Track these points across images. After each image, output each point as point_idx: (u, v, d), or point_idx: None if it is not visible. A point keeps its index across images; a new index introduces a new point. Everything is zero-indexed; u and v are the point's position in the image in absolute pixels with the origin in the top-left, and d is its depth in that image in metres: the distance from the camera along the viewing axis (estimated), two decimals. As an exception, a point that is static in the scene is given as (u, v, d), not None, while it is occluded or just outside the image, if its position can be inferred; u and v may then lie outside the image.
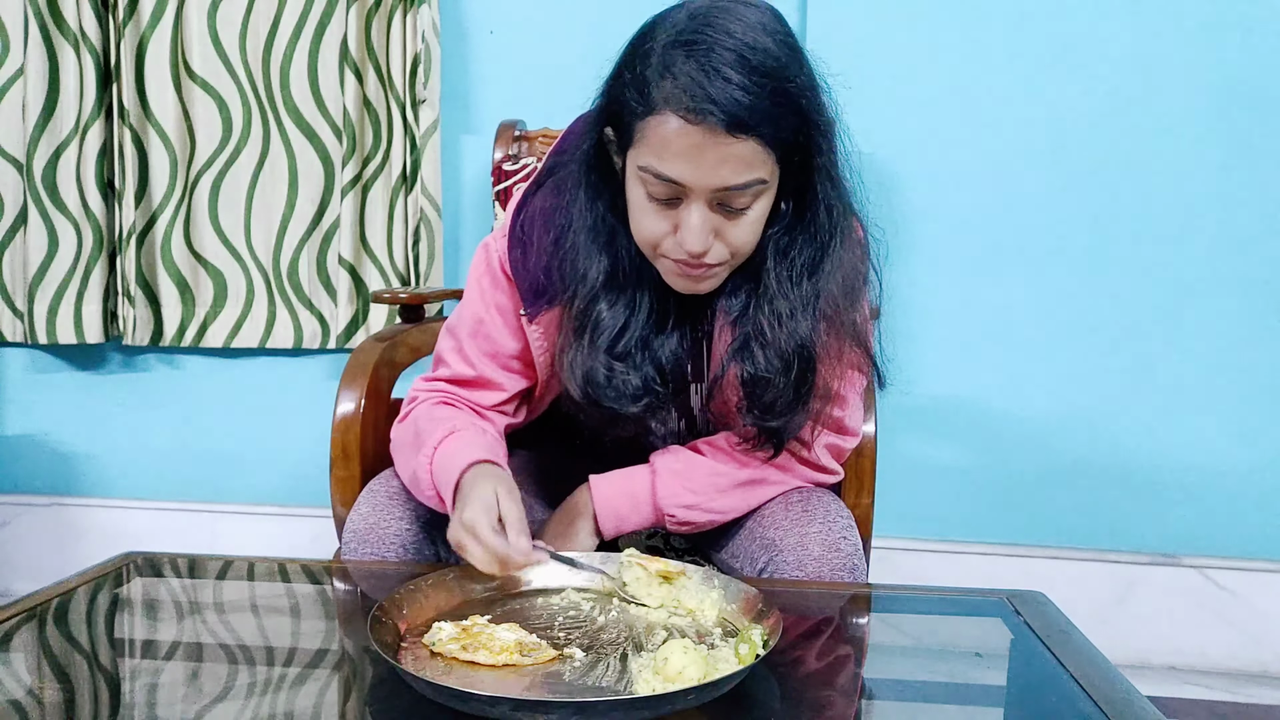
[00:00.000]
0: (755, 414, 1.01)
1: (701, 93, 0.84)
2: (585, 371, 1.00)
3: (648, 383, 1.01)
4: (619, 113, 0.92)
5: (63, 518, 2.13)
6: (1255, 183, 1.76)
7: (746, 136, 0.85)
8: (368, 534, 1.03)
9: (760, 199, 0.91)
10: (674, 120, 0.86)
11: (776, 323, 0.97)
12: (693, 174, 0.87)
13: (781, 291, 0.97)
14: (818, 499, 1.06)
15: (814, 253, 0.97)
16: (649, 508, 1.06)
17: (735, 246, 0.93)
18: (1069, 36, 1.77)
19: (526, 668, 0.76)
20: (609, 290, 0.99)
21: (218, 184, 1.98)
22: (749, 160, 0.87)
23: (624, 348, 1.00)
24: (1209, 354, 1.80)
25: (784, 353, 0.97)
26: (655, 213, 0.92)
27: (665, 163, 0.87)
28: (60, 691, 0.75)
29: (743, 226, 0.92)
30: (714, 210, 0.90)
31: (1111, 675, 0.78)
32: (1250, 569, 1.83)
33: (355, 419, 1.22)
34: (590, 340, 1.00)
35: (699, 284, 0.97)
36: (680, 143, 0.86)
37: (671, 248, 0.93)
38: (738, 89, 0.84)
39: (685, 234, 0.90)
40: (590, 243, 0.99)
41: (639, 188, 0.92)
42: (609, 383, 1.00)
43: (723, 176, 0.87)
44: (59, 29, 1.89)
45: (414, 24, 1.84)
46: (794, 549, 1.00)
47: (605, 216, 0.99)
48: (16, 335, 2.04)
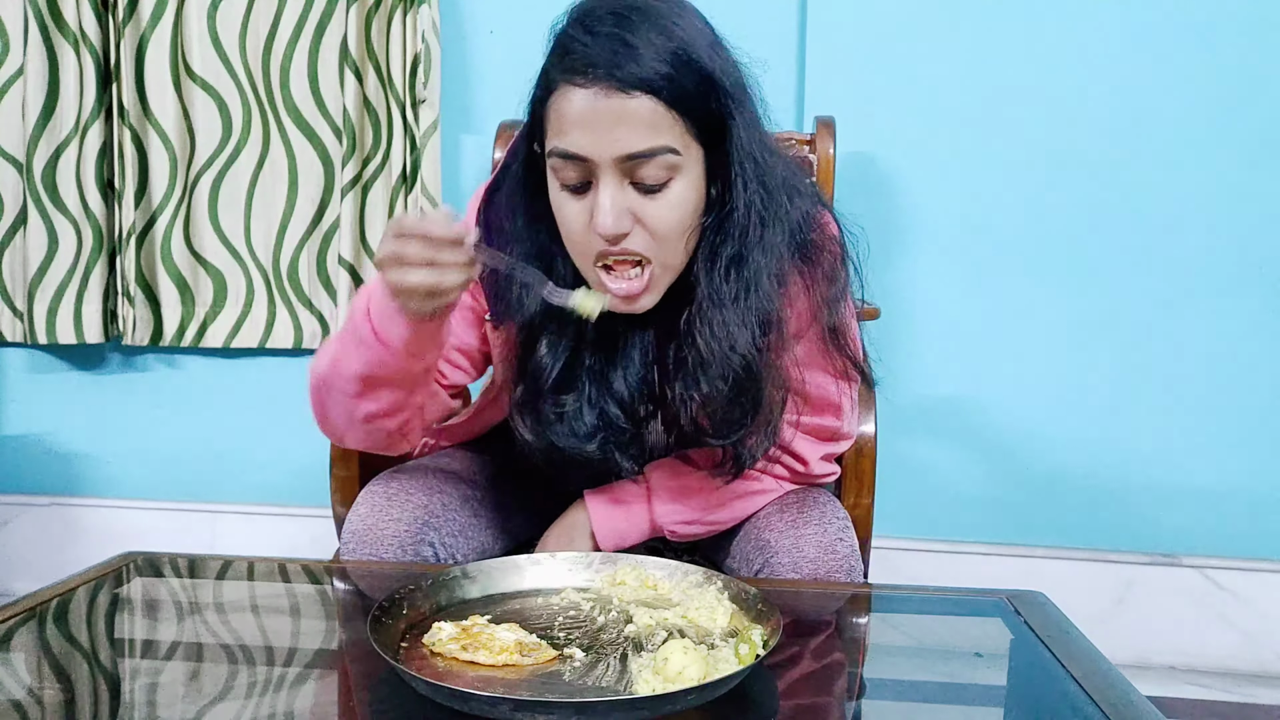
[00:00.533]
0: (712, 439, 0.98)
1: (584, 52, 0.83)
2: (534, 416, 0.98)
3: (606, 418, 0.97)
4: (531, 115, 0.90)
5: (63, 518, 2.13)
6: (1256, 184, 1.76)
7: (641, 93, 0.82)
8: (366, 534, 1.03)
9: (678, 177, 0.86)
10: (568, 90, 0.84)
11: (712, 338, 0.91)
12: (592, 142, 0.84)
13: (713, 297, 0.91)
14: (813, 500, 1.06)
15: (738, 245, 0.90)
16: (647, 525, 1.06)
17: (657, 232, 0.87)
18: (1069, 36, 1.77)
19: (526, 668, 0.76)
20: (546, 326, 0.96)
21: (218, 184, 1.98)
22: (649, 121, 0.83)
23: (574, 384, 0.97)
24: (1209, 354, 1.80)
25: (725, 371, 0.91)
26: (573, 204, 0.88)
27: (566, 137, 0.85)
28: (60, 691, 0.75)
29: (661, 207, 0.87)
30: (628, 187, 0.86)
31: (1111, 675, 0.78)
32: (1250, 569, 1.83)
33: (355, 419, 1.22)
34: (534, 383, 0.97)
35: (631, 288, 0.90)
36: (575, 112, 0.83)
37: (593, 243, 0.88)
38: (624, 44, 0.82)
39: (596, 213, 0.85)
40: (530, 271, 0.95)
41: (555, 184, 0.89)
42: (560, 422, 0.97)
43: (622, 140, 0.83)
44: (59, 29, 1.89)
45: (414, 24, 1.84)
46: (789, 551, 0.99)
47: (546, 244, 0.95)
48: (16, 335, 2.04)
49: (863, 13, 1.80)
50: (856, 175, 1.82)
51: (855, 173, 1.81)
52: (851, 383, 1.06)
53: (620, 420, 0.98)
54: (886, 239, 1.84)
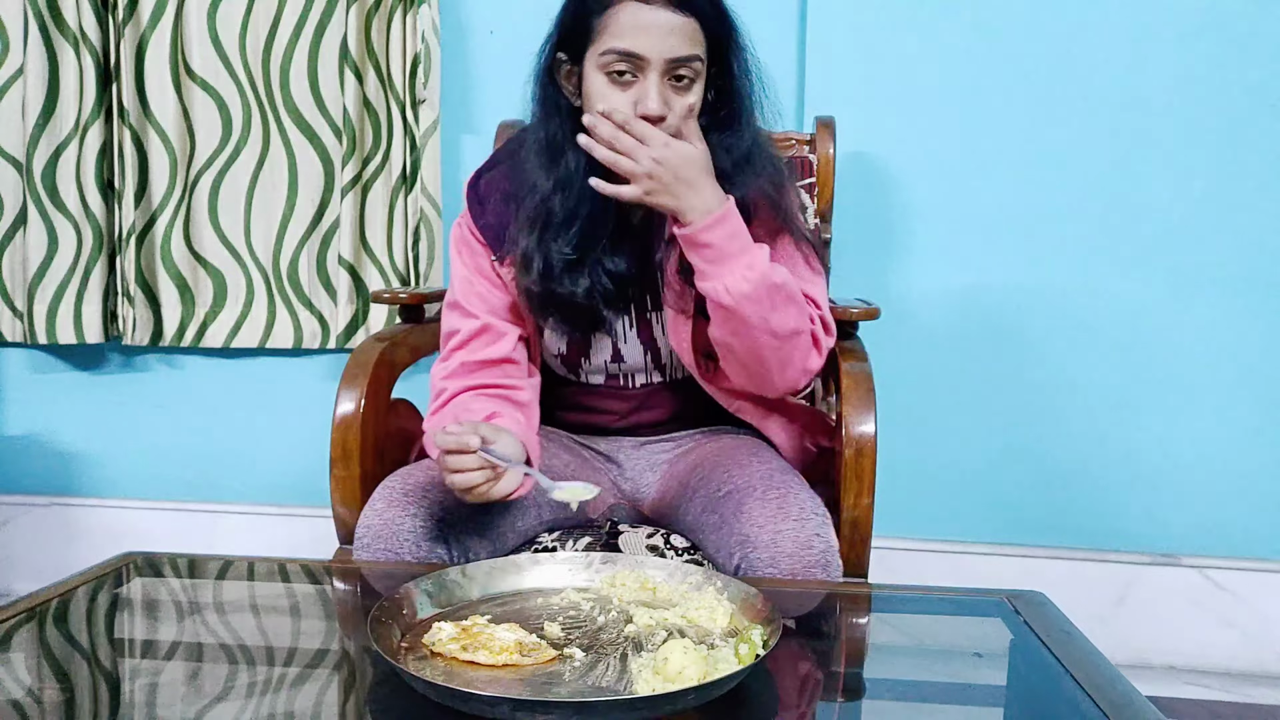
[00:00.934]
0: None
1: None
2: (541, 259, 1.13)
3: (597, 282, 1.14)
4: (575, 25, 1.09)
5: (63, 518, 2.13)
6: (1256, 183, 1.76)
7: (688, 14, 1.06)
8: (382, 530, 1.04)
9: (698, 81, 1.09)
10: (631, 5, 1.05)
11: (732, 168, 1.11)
12: (650, 45, 1.05)
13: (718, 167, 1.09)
14: (794, 496, 1.06)
15: (738, 133, 1.14)
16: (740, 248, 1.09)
17: (681, 117, 1.07)
18: (1069, 36, 1.77)
19: (526, 668, 0.76)
20: (557, 192, 1.13)
21: (218, 184, 1.98)
22: (691, 35, 1.07)
23: (573, 238, 1.12)
24: (1209, 354, 1.80)
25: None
26: (616, 93, 1.07)
27: (627, 39, 1.05)
28: (60, 691, 0.75)
29: (686, 102, 1.08)
30: (665, 83, 1.07)
31: (1111, 675, 0.78)
32: (1250, 569, 1.83)
33: (355, 419, 1.22)
34: (542, 232, 1.13)
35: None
36: (639, 21, 1.05)
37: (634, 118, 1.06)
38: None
39: (646, 100, 1.06)
40: (542, 156, 1.14)
41: (599, 77, 1.07)
42: (563, 271, 1.13)
43: (673, 46, 1.05)
44: (59, 29, 1.89)
45: (414, 24, 1.84)
46: (767, 546, 1.01)
47: (555, 135, 1.13)
48: (16, 335, 2.04)
49: (863, 13, 1.80)
50: (856, 175, 1.82)
51: (855, 173, 1.81)
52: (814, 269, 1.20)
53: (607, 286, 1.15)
54: (886, 239, 1.84)
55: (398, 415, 1.34)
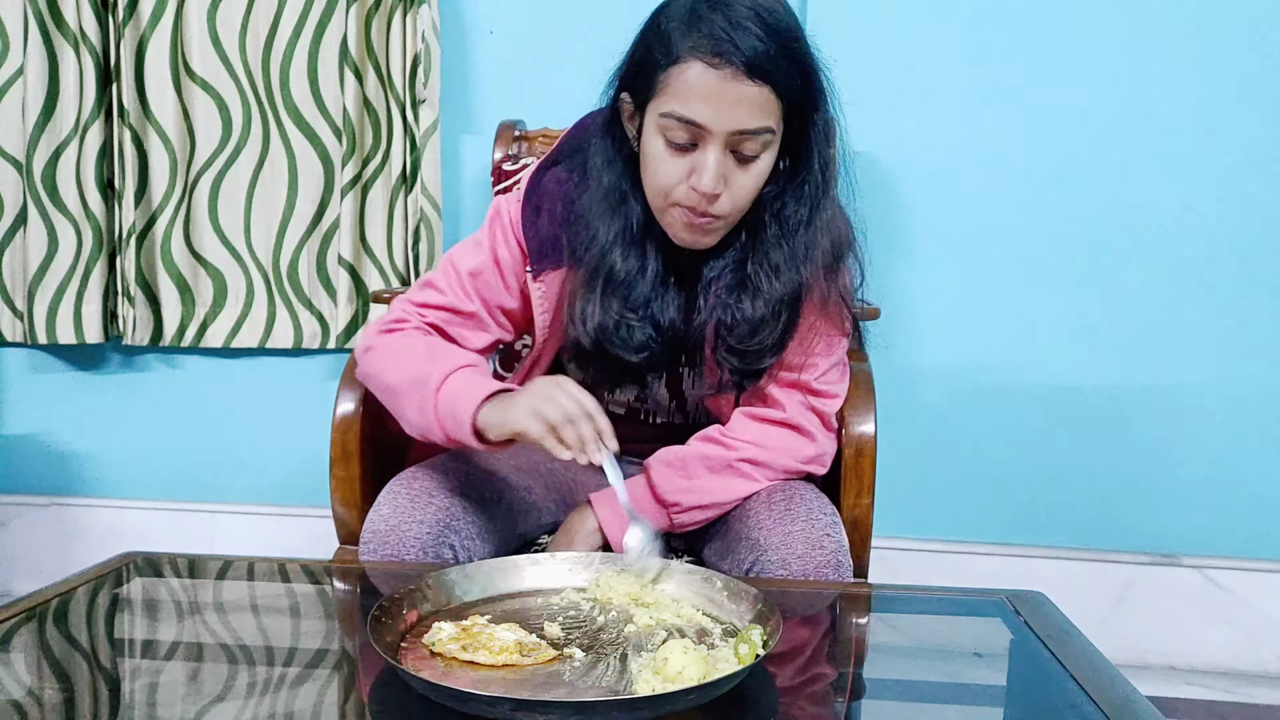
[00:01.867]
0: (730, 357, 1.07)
1: (726, 39, 0.93)
2: (598, 322, 1.06)
3: (648, 338, 1.08)
4: (639, 72, 1.00)
5: (63, 518, 2.13)
6: (1256, 183, 1.76)
7: (762, 83, 0.94)
8: (389, 535, 1.03)
9: (767, 151, 0.99)
10: (698, 66, 0.94)
11: (773, 274, 1.04)
12: (713, 115, 0.95)
13: (777, 246, 1.04)
14: (801, 497, 1.06)
15: (807, 211, 1.04)
16: (651, 504, 1.08)
17: (739, 198, 1.00)
18: (1069, 35, 1.77)
19: (526, 668, 0.76)
20: (620, 246, 1.06)
21: (218, 184, 1.98)
22: (763, 106, 0.95)
23: (633, 301, 1.07)
24: (1209, 354, 1.80)
25: (774, 301, 1.04)
26: (672, 159, 0.98)
27: (689, 105, 0.95)
28: (60, 691, 0.75)
29: (749, 176, 0.99)
30: (727, 155, 0.97)
31: (1111, 675, 0.78)
32: (1250, 569, 1.83)
33: (355, 419, 1.22)
34: (603, 291, 1.06)
35: (703, 236, 1.03)
36: (703, 86, 0.94)
37: (684, 194, 0.99)
38: (756, 39, 0.93)
39: (702, 174, 0.96)
40: (605, 204, 1.06)
41: (658, 138, 0.99)
42: (617, 331, 1.06)
43: (739, 118, 0.95)
44: (59, 29, 1.89)
45: (414, 24, 1.84)
46: (778, 548, 1.01)
47: (618, 182, 1.06)
48: (16, 335, 2.04)
49: (863, 13, 1.80)
50: (856, 175, 1.81)
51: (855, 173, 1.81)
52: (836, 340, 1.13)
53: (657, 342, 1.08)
54: (886, 239, 1.84)
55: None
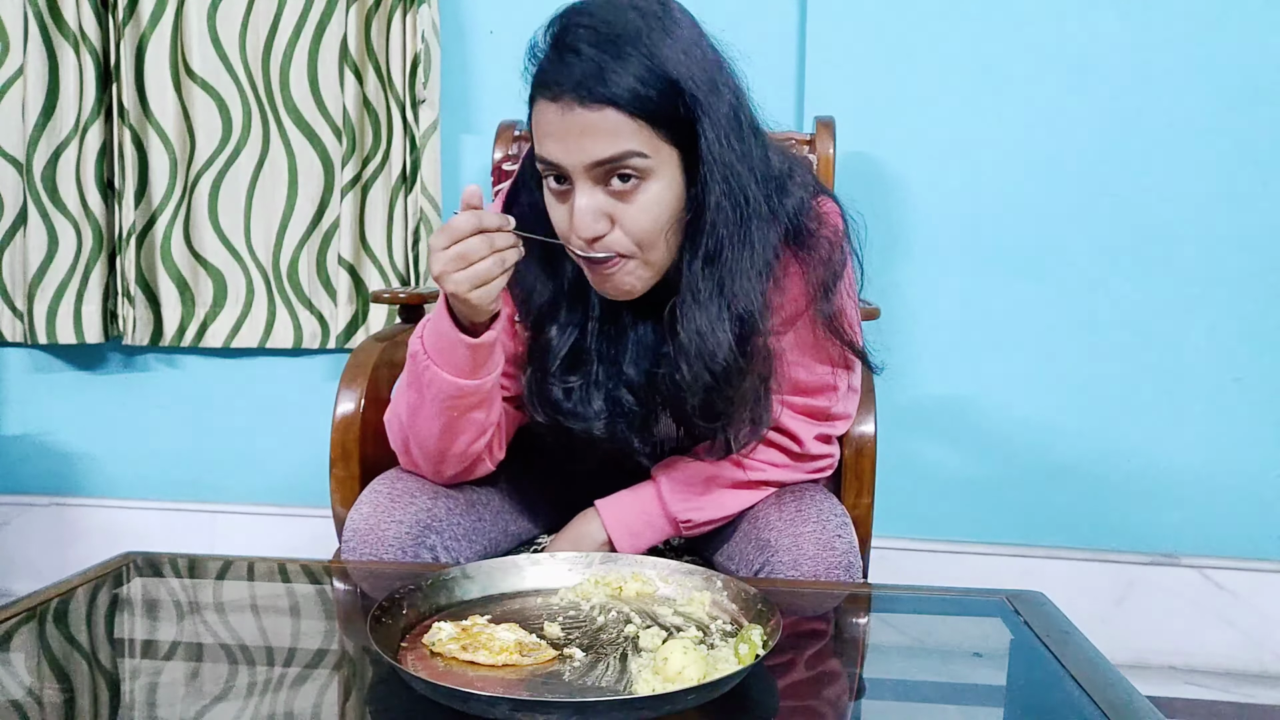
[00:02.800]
0: (701, 423, 1.00)
1: (553, 70, 0.89)
2: (543, 396, 1.01)
3: (614, 400, 1.01)
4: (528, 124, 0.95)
5: (63, 518, 2.13)
6: (1255, 183, 1.76)
7: (603, 106, 0.87)
8: (368, 534, 1.03)
9: (650, 179, 0.90)
10: (541, 104, 0.90)
11: (693, 331, 0.94)
12: (562, 152, 0.89)
13: (692, 292, 0.93)
14: (810, 498, 1.06)
15: (714, 240, 0.92)
16: (662, 518, 1.06)
17: (634, 232, 0.91)
18: (1070, 37, 1.77)
19: (526, 668, 0.76)
20: (555, 311, 1.01)
21: (218, 184, 1.98)
22: (614, 131, 0.87)
23: (580, 368, 1.00)
24: (1209, 354, 1.80)
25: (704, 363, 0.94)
26: (558, 206, 0.94)
27: (543, 146, 0.91)
28: (60, 691, 0.75)
29: (637, 208, 0.91)
30: (603, 192, 0.91)
31: (1111, 675, 0.78)
32: (1250, 569, 1.83)
33: (355, 419, 1.22)
34: (543, 363, 1.01)
35: (610, 281, 0.95)
36: (549, 124, 0.89)
37: (576, 243, 0.93)
38: (588, 61, 0.87)
39: (574, 216, 0.91)
40: (536, 266, 1.00)
41: (546, 187, 0.94)
42: (568, 400, 1.01)
43: (588, 150, 0.88)
44: (59, 29, 1.89)
45: (414, 24, 1.84)
46: (789, 549, 1.00)
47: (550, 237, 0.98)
48: (16, 335, 2.04)
49: (863, 13, 1.80)
50: (856, 175, 1.82)
51: (855, 173, 1.81)
52: (848, 367, 1.07)
53: (629, 404, 1.02)
54: (886, 239, 1.84)
55: (398, 415, 1.34)
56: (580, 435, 1.02)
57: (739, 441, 1.02)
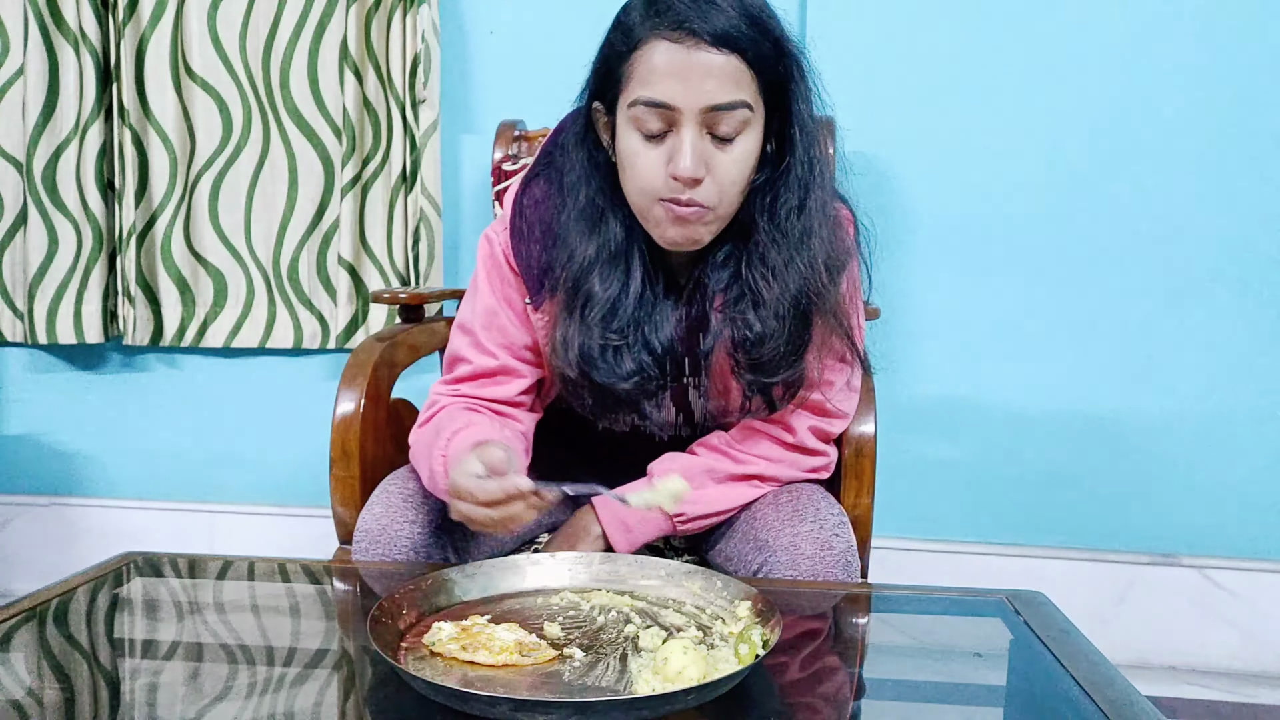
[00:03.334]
0: (750, 375, 1.02)
1: (687, 9, 0.89)
2: (579, 346, 1.01)
3: (641, 363, 1.02)
4: (607, 72, 0.96)
5: (63, 518, 2.13)
6: (1255, 183, 1.76)
7: (730, 52, 0.89)
8: (380, 535, 1.03)
9: (746, 132, 0.93)
10: (661, 45, 0.90)
11: (770, 276, 0.98)
12: (682, 92, 0.90)
13: (772, 243, 0.98)
14: (808, 498, 1.06)
15: (799, 197, 0.98)
16: (656, 513, 1.06)
17: (723, 185, 0.94)
18: (1069, 36, 1.77)
19: (526, 668, 0.76)
20: (599, 266, 1.01)
21: (218, 184, 1.98)
22: (734, 78, 0.90)
23: (617, 324, 1.01)
24: (1208, 354, 1.80)
25: (779, 307, 0.98)
26: (649, 150, 0.93)
27: (655, 86, 0.91)
28: (60, 691, 0.75)
29: (732, 159, 0.93)
30: (704, 136, 0.92)
31: (1111, 675, 0.78)
32: (1250, 569, 1.83)
33: (355, 419, 1.22)
34: (582, 315, 1.01)
35: (693, 230, 0.96)
36: (668, 63, 0.90)
37: (665, 186, 0.94)
38: (718, 8, 0.90)
39: (679, 158, 0.91)
40: (582, 222, 1.01)
41: (632, 133, 0.94)
42: (603, 357, 1.01)
43: (710, 92, 0.90)
44: (59, 29, 1.89)
45: (414, 24, 1.84)
46: (787, 549, 1.00)
47: (596, 198, 1.01)
48: (16, 335, 2.04)
49: (863, 13, 1.80)
50: (856, 175, 1.81)
51: (855, 173, 1.81)
52: (846, 363, 1.09)
53: (652, 369, 1.03)
54: (886, 239, 1.83)
55: (397, 415, 1.34)
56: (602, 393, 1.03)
57: (783, 400, 1.04)
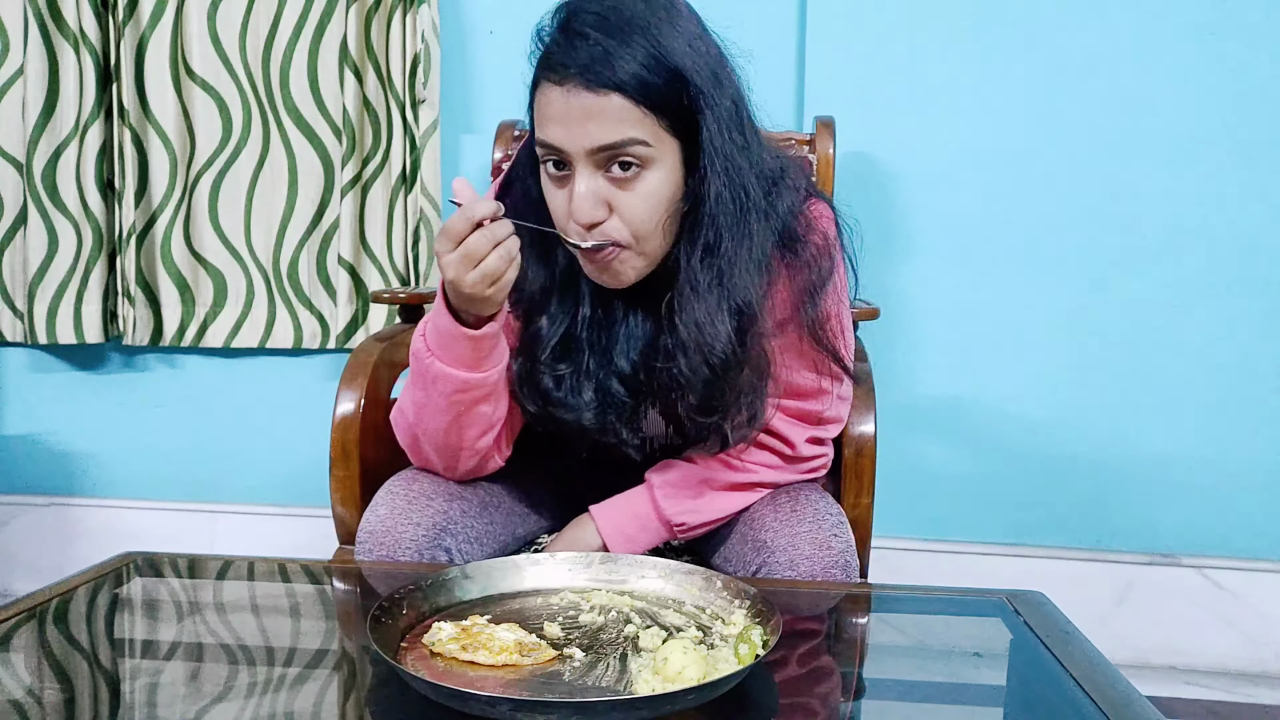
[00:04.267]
0: (697, 416, 0.99)
1: (560, 53, 0.89)
2: (534, 384, 1.01)
3: (605, 392, 1.00)
4: (529, 108, 0.95)
5: (63, 518, 2.13)
6: (1255, 183, 1.76)
7: (609, 91, 0.87)
8: (384, 535, 1.03)
9: (651, 168, 0.91)
10: (546, 87, 0.90)
11: (691, 323, 0.94)
12: (565, 135, 0.89)
13: (690, 283, 0.94)
14: (806, 498, 1.06)
15: (713, 232, 0.93)
16: (656, 523, 1.06)
17: (632, 221, 0.92)
18: (1069, 37, 1.77)
19: (526, 668, 0.76)
20: (547, 301, 1.00)
21: (218, 184, 1.98)
22: (619, 117, 0.88)
23: (572, 356, 1.00)
24: (1208, 353, 1.80)
25: (702, 355, 0.94)
26: (556, 191, 0.93)
27: (544, 129, 0.91)
28: (60, 691, 0.75)
29: (636, 197, 0.91)
30: (600, 177, 0.91)
31: (1111, 675, 0.78)
32: (1250, 569, 1.83)
33: (355, 419, 1.22)
34: (533, 352, 1.01)
35: (611, 271, 0.95)
36: (552, 107, 0.89)
37: (573, 230, 0.93)
38: (595, 45, 0.88)
39: (571, 201, 0.91)
40: (530, 254, 0.98)
41: (544, 172, 0.94)
42: (558, 389, 1.00)
43: (592, 134, 0.88)
44: (59, 29, 1.89)
45: (414, 24, 1.84)
46: (785, 549, 1.00)
47: (543, 225, 0.98)
48: (16, 335, 2.04)
49: (863, 13, 1.80)
50: (856, 175, 1.82)
51: (855, 173, 1.81)
52: (838, 379, 1.07)
53: (619, 394, 1.01)
54: (886, 239, 1.84)
55: (398, 415, 1.34)
56: (571, 426, 1.02)
57: (734, 436, 1.01)
